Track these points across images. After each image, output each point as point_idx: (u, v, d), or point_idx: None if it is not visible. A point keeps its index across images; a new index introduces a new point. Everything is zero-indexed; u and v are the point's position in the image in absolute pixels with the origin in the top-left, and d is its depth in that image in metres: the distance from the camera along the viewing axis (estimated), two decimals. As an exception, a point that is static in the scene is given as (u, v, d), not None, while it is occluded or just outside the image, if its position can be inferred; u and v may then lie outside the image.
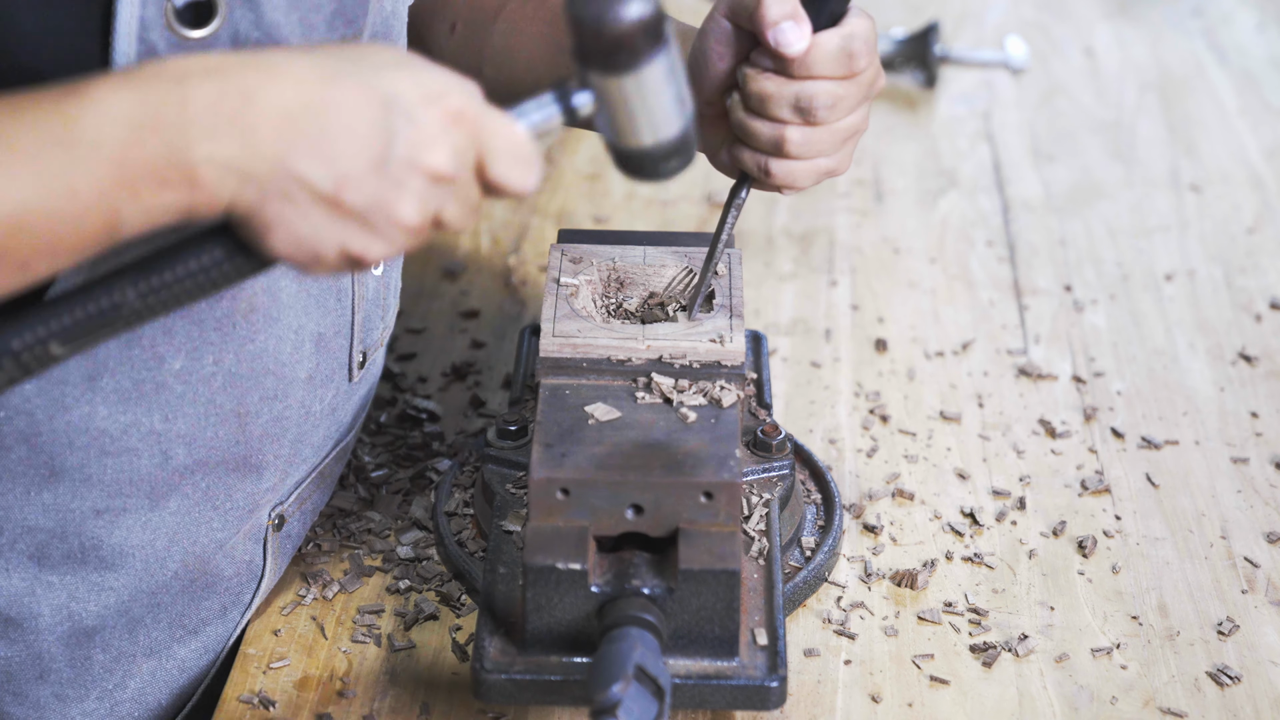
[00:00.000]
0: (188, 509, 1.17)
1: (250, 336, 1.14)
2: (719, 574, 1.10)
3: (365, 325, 1.25)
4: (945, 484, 1.40)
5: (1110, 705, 1.19)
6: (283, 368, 1.17)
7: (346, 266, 0.96)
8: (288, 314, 1.16)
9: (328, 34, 1.09)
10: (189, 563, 1.19)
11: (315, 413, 1.23)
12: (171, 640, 1.22)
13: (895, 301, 1.65)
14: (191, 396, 1.13)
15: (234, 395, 1.15)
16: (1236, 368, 1.56)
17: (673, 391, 1.19)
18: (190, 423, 1.14)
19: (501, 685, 1.12)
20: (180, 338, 1.11)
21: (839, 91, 1.17)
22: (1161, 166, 1.89)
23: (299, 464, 1.25)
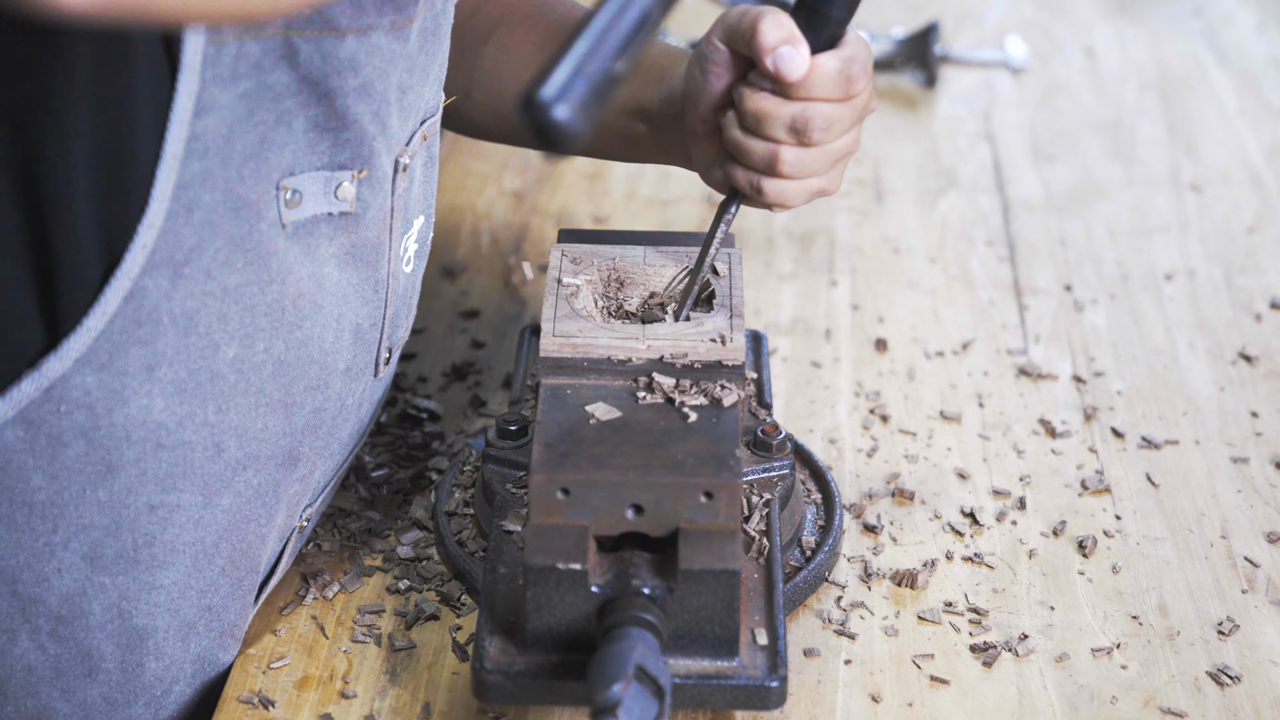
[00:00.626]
0: (239, 506, 1.17)
1: (297, 323, 1.14)
2: (719, 574, 1.10)
3: (394, 321, 1.25)
4: (945, 484, 1.40)
5: (1110, 705, 1.19)
6: (326, 356, 1.17)
7: None
8: (330, 301, 1.16)
9: (376, 18, 1.10)
10: (235, 558, 1.19)
11: (348, 406, 1.23)
12: (219, 649, 1.21)
13: (895, 301, 1.65)
14: (244, 386, 1.13)
15: (282, 384, 1.15)
16: (1236, 367, 1.56)
17: (674, 391, 1.19)
18: (242, 414, 1.14)
19: (502, 685, 1.12)
20: (234, 324, 1.11)
21: (834, 113, 1.19)
22: (1161, 166, 1.89)
23: (328, 459, 1.25)
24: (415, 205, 1.24)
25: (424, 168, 1.25)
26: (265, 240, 1.10)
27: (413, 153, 1.20)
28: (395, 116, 1.16)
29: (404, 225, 1.22)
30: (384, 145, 1.16)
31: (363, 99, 1.12)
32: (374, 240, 1.18)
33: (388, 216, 1.19)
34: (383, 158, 1.16)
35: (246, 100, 1.06)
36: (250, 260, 1.10)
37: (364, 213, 1.16)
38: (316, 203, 1.13)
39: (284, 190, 1.10)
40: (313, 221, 1.13)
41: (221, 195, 1.07)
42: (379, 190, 1.17)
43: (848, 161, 1.24)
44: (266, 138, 1.08)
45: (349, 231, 1.16)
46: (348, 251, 1.17)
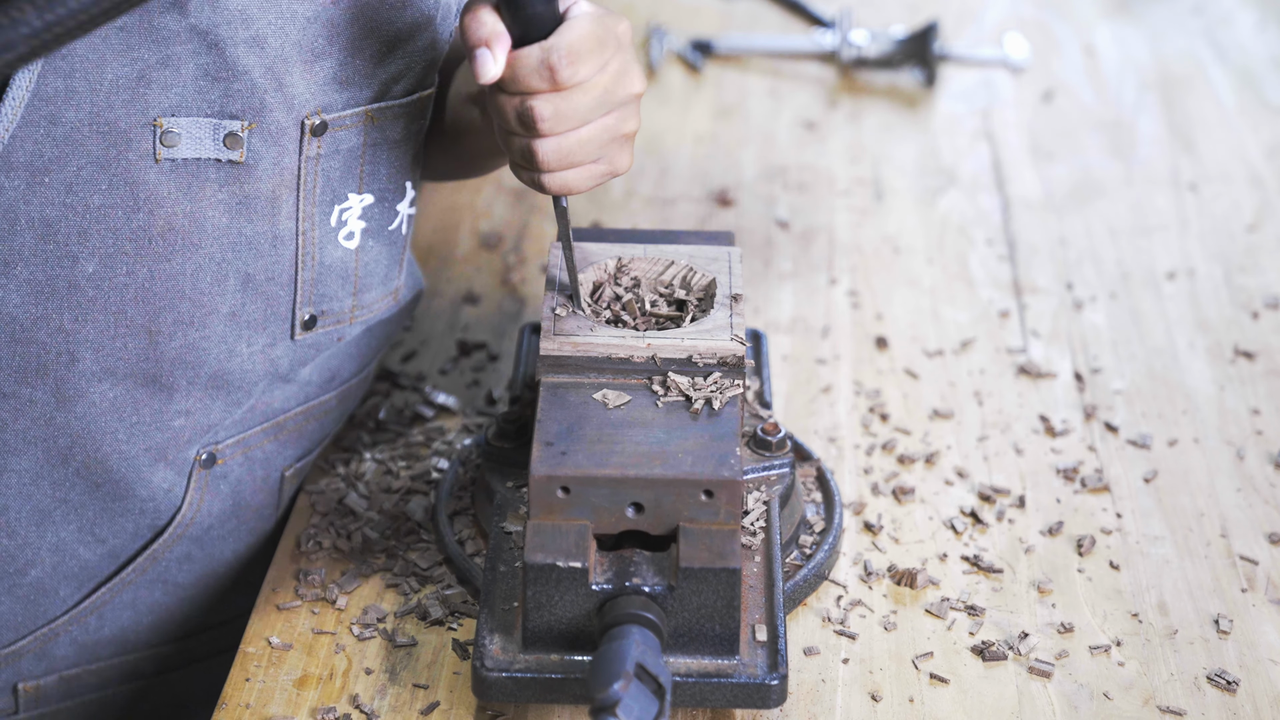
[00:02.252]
0: (93, 416, 1.22)
1: (166, 256, 1.19)
2: (719, 572, 1.10)
3: (317, 287, 1.27)
4: (945, 482, 1.40)
5: (1109, 703, 1.19)
6: (201, 295, 1.21)
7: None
8: (211, 244, 1.20)
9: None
10: (93, 467, 1.24)
11: (244, 354, 1.26)
12: (79, 544, 1.27)
13: (895, 300, 1.65)
14: (102, 303, 1.18)
15: (145, 311, 1.20)
16: (1236, 366, 1.56)
17: (676, 388, 1.19)
18: (99, 329, 1.19)
19: (502, 683, 1.12)
20: (94, 242, 1.16)
21: (557, 104, 1.15)
22: (1161, 165, 1.90)
23: (230, 405, 1.28)
24: (348, 179, 1.25)
25: (369, 148, 1.25)
26: (134, 170, 1.15)
27: (340, 124, 1.22)
28: (299, 76, 1.19)
29: (328, 194, 1.24)
30: (279, 101, 1.18)
31: (254, 51, 1.15)
32: (269, 194, 1.21)
33: (291, 176, 1.22)
34: (277, 113, 1.18)
35: (124, 35, 1.11)
36: (115, 185, 1.15)
37: (255, 164, 1.19)
38: (200, 147, 1.16)
39: (158, 126, 1.14)
40: (196, 164, 1.17)
41: (87, 117, 1.12)
42: (274, 145, 1.19)
43: (629, 141, 1.20)
44: (146, 75, 1.13)
45: (240, 181, 1.19)
46: (239, 200, 1.20)
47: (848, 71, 2.07)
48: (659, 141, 1.93)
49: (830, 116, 1.99)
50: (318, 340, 1.30)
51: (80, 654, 1.35)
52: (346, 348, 1.34)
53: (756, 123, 1.98)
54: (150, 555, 1.31)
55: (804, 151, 1.92)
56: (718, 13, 2.21)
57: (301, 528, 1.34)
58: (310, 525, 1.34)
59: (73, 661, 1.35)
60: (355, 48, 1.21)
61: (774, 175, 1.87)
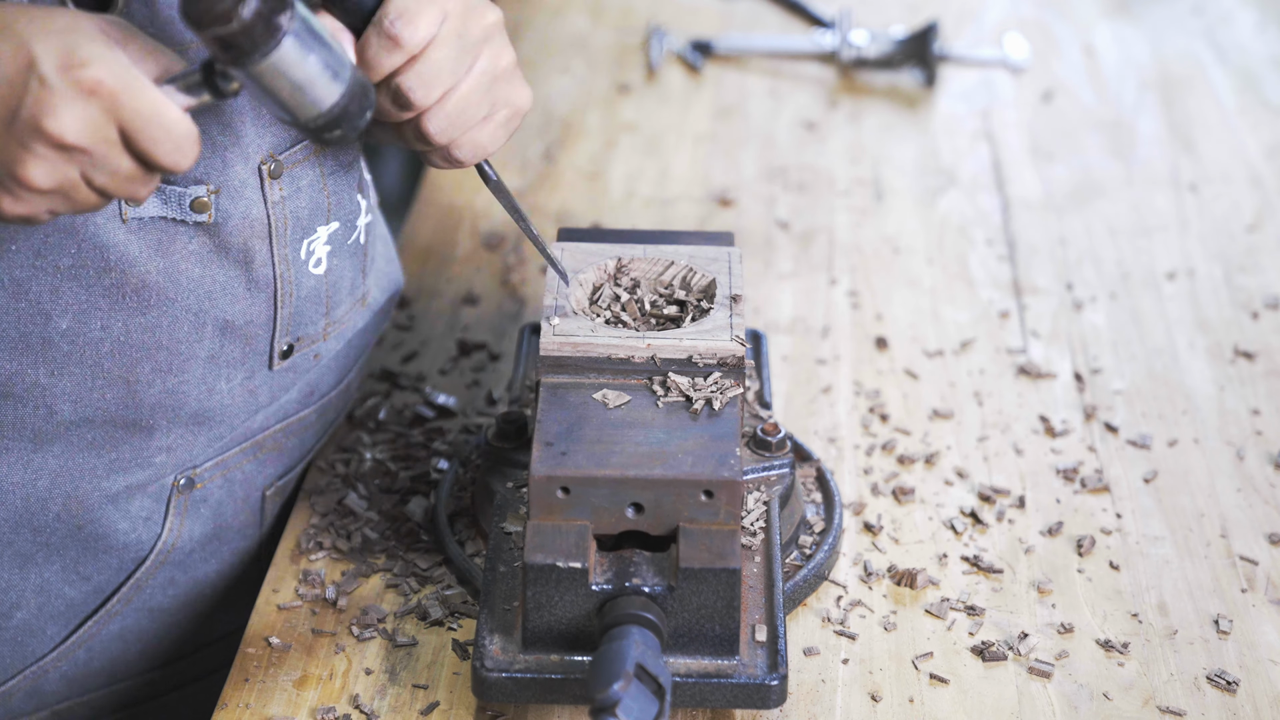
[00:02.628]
0: (70, 454, 1.21)
1: (141, 310, 1.18)
2: (719, 572, 1.10)
3: (295, 319, 1.27)
4: (945, 483, 1.40)
5: (1109, 703, 1.19)
6: (178, 344, 1.20)
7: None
8: (187, 297, 1.19)
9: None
10: (73, 508, 1.23)
11: (223, 391, 1.26)
12: (63, 583, 1.26)
13: (895, 300, 1.65)
14: (78, 357, 1.17)
15: (123, 363, 1.19)
16: (1236, 366, 1.56)
17: (676, 388, 1.19)
18: (76, 381, 1.18)
19: (502, 683, 1.12)
20: (67, 298, 1.15)
21: (418, 71, 1.12)
22: (1161, 165, 1.89)
23: (211, 439, 1.27)
24: (317, 213, 1.25)
25: (328, 177, 1.25)
26: (101, 233, 1.13)
27: (294, 161, 1.22)
28: (250, 125, 1.17)
29: (298, 232, 1.24)
30: (238, 155, 1.18)
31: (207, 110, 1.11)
32: (241, 244, 1.20)
33: (261, 224, 1.21)
34: (237, 167, 1.18)
35: None
36: (84, 248, 1.14)
37: (225, 221, 1.18)
38: (166, 208, 1.15)
39: None
40: (165, 223, 1.16)
41: None
42: (240, 199, 1.19)
43: (515, 72, 1.16)
44: None
45: (211, 235, 1.18)
46: (211, 251, 1.19)
47: (848, 72, 2.07)
48: (659, 141, 1.93)
49: (830, 117, 1.99)
50: (295, 364, 1.30)
51: (70, 688, 1.33)
52: (328, 362, 1.34)
53: (756, 123, 1.98)
54: (134, 584, 1.30)
55: (804, 151, 1.92)
56: (718, 13, 2.21)
57: (301, 528, 1.34)
58: (310, 525, 1.34)
59: (64, 695, 1.33)
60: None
61: (774, 175, 1.87)
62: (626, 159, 1.89)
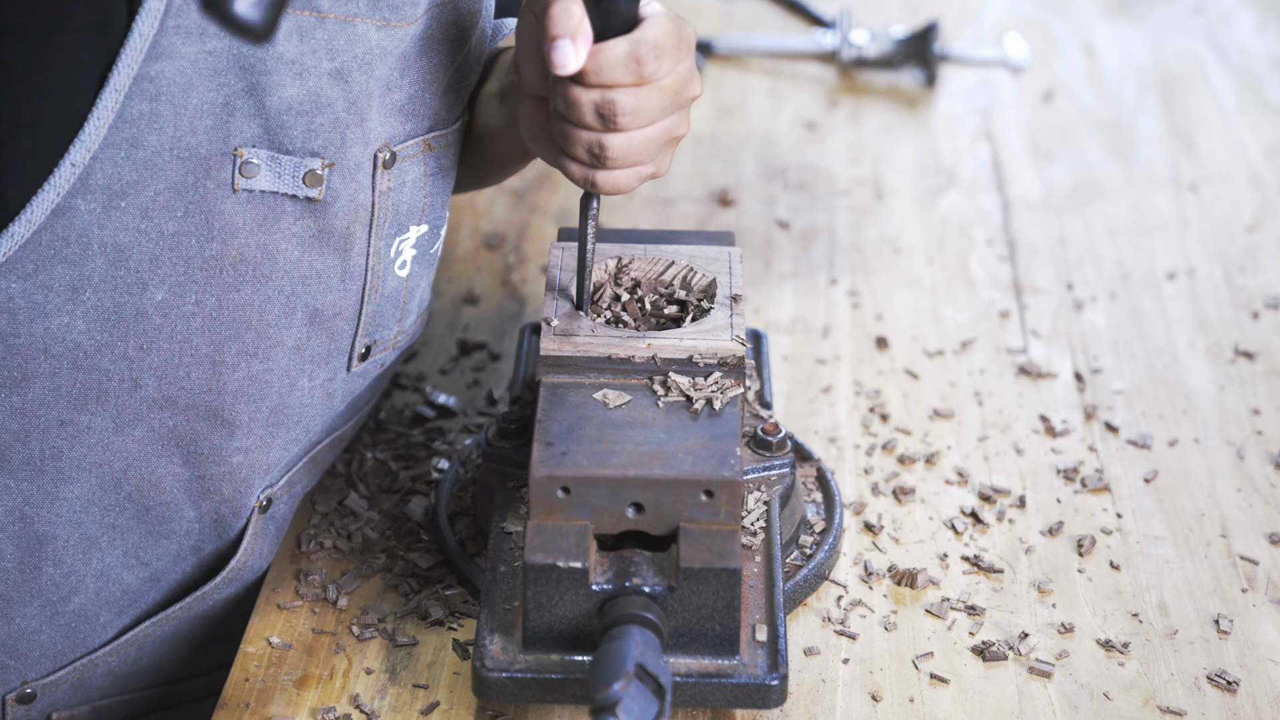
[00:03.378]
0: (151, 440, 1.20)
1: (236, 285, 1.17)
2: (719, 572, 1.10)
3: (376, 318, 1.26)
4: (945, 483, 1.40)
5: (1109, 703, 1.19)
6: (267, 327, 1.19)
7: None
8: (281, 277, 1.18)
9: (364, 9, 1.14)
10: (145, 490, 1.22)
11: (304, 389, 1.24)
12: (122, 568, 1.25)
13: (895, 300, 1.65)
14: (169, 331, 1.16)
15: (211, 340, 1.18)
16: (1236, 366, 1.56)
17: (677, 388, 1.19)
18: (164, 356, 1.17)
19: (502, 684, 1.12)
20: (166, 268, 1.14)
21: (637, 98, 1.15)
22: (1161, 165, 1.90)
23: (288, 442, 1.26)
24: (413, 211, 1.25)
25: (429, 178, 1.26)
26: (211, 198, 1.13)
27: (405, 155, 1.22)
28: (375, 111, 1.18)
29: (394, 227, 1.24)
30: (358, 136, 1.17)
31: (337, 84, 1.14)
32: (344, 230, 1.20)
33: (365, 211, 1.21)
34: (355, 148, 1.18)
35: (213, 59, 1.09)
36: (191, 212, 1.13)
37: (333, 201, 1.18)
38: (279, 181, 1.15)
39: (239, 155, 1.13)
40: (274, 197, 1.16)
41: (169, 141, 1.10)
42: (351, 181, 1.19)
43: (675, 145, 1.21)
44: (232, 103, 1.11)
45: (316, 216, 1.18)
46: (314, 235, 1.19)
47: (848, 71, 2.07)
48: (659, 141, 1.93)
49: (830, 116, 1.99)
50: (366, 370, 1.29)
51: (116, 684, 1.32)
52: (384, 373, 1.33)
53: (756, 123, 1.98)
54: (200, 596, 1.29)
55: (804, 151, 1.92)
56: (718, 13, 2.21)
57: (301, 528, 1.34)
58: (310, 525, 1.34)
59: (107, 691, 1.32)
60: (425, 80, 1.21)
61: (774, 175, 1.87)
62: (626, 159, 1.89)
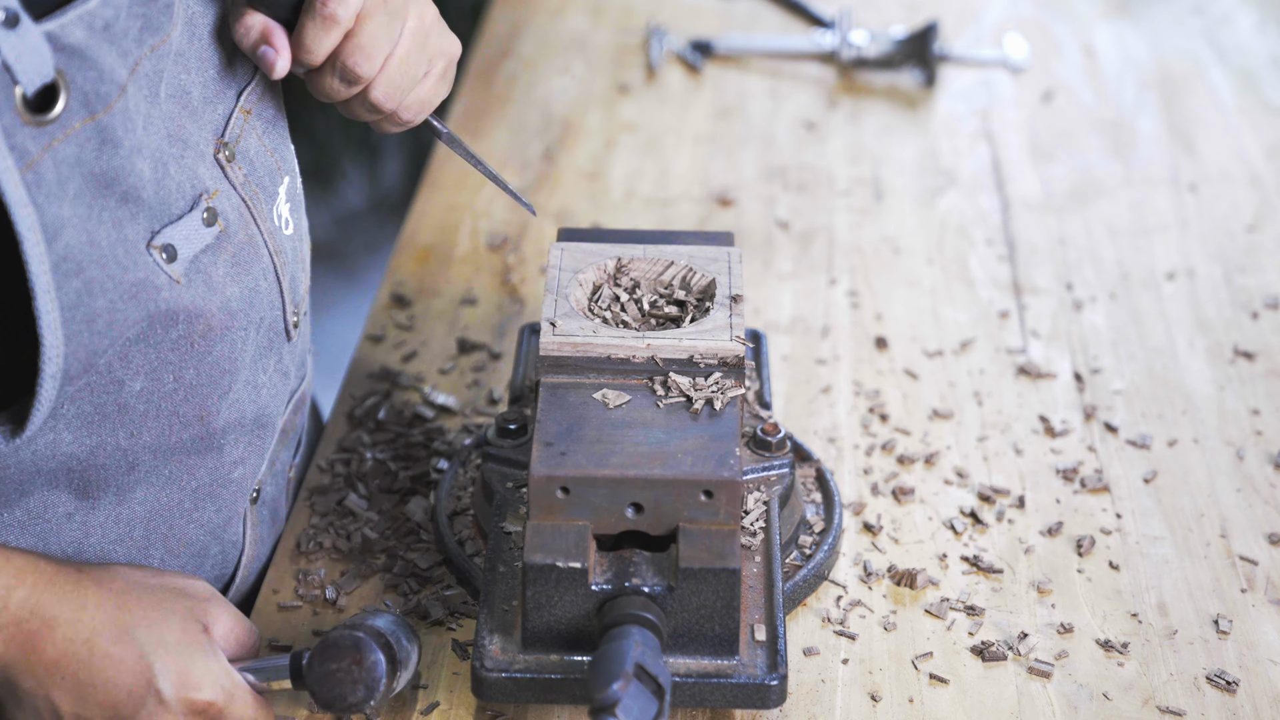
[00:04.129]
0: (154, 495, 1.19)
1: (207, 350, 1.16)
2: (719, 572, 1.10)
3: (292, 285, 1.27)
4: (944, 483, 1.40)
5: (1109, 704, 1.20)
6: (234, 364, 1.19)
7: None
8: (238, 319, 1.18)
9: (138, 49, 1.09)
10: (173, 546, 1.21)
11: (265, 384, 1.25)
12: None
13: (895, 300, 1.65)
14: (154, 412, 1.15)
15: (195, 403, 1.17)
16: (1236, 366, 1.56)
17: (677, 388, 1.19)
18: (155, 434, 1.16)
19: (502, 684, 1.12)
20: (138, 362, 1.12)
21: (358, 43, 1.16)
22: (1161, 165, 1.90)
23: (266, 435, 1.27)
24: (271, 174, 1.24)
25: (264, 136, 1.24)
26: (166, 303, 1.11)
27: (234, 134, 1.20)
28: (190, 122, 1.16)
29: (267, 199, 1.23)
30: (193, 155, 1.15)
31: (152, 131, 1.10)
32: (244, 239, 1.19)
33: (243, 208, 1.20)
34: (201, 168, 1.16)
35: (84, 198, 1.05)
36: (154, 324, 1.11)
37: (228, 224, 1.17)
38: (194, 241, 1.13)
39: (155, 251, 1.10)
40: (200, 257, 1.14)
41: (114, 292, 1.07)
42: (221, 197, 1.17)
43: (440, 23, 1.21)
44: (117, 217, 1.07)
45: (225, 247, 1.17)
46: (233, 264, 1.18)
47: (848, 72, 2.07)
48: (659, 141, 1.93)
49: (830, 117, 1.99)
50: (301, 331, 1.30)
51: None
52: (305, 322, 1.33)
53: (756, 123, 1.98)
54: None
55: (804, 151, 1.92)
56: (718, 13, 2.21)
57: (301, 528, 1.34)
58: (310, 525, 1.34)
59: None
60: (203, 60, 1.18)
61: (774, 175, 1.87)
62: (626, 159, 1.89)
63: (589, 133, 1.94)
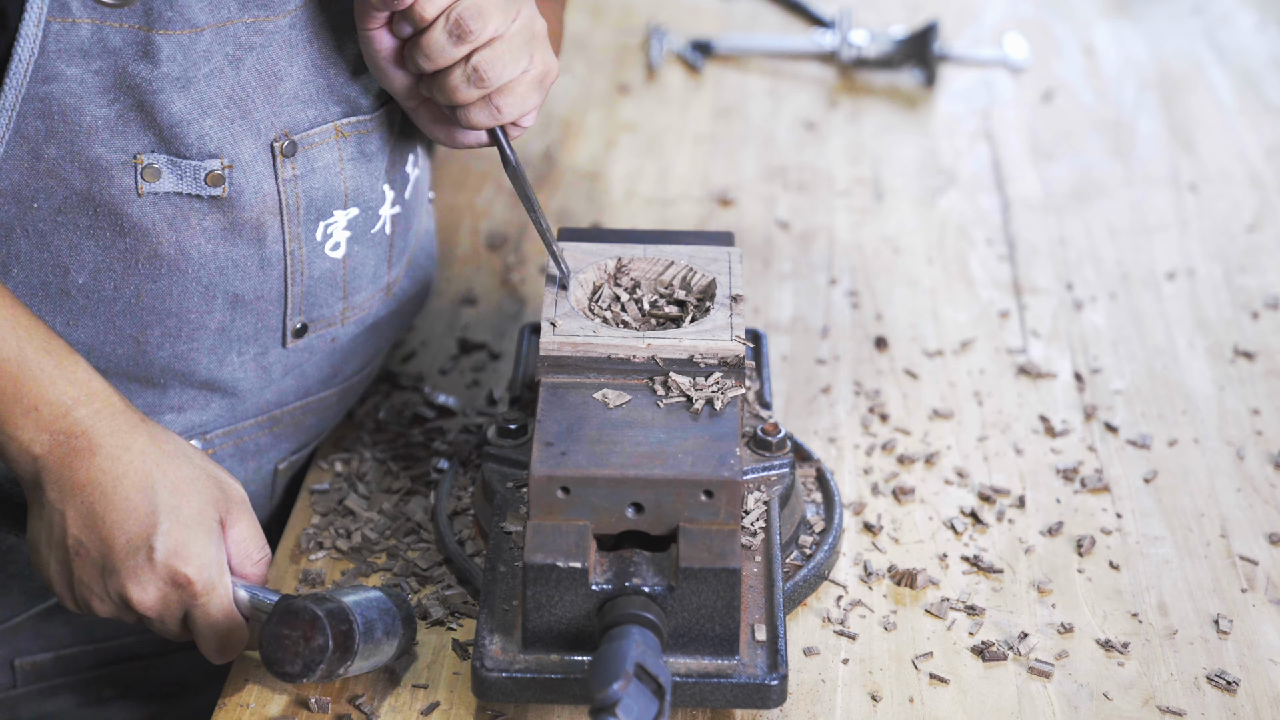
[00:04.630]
0: None
1: (152, 278, 1.22)
2: (719, 572, 1.10)
3: (308, 299, 1.29)
4: (945, 483, 1.40)
5: (1109, 703, 1.19)
6: (188, 313, 1.24)
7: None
8: (198, 269, 1.23)
9: (237, 12, 1.17)
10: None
11: (235, 364, 1.28)
12: None
13: (895, 300, 1.65)
14: (92, 311, 1.22)
15: (134, 323, 1.23)
16: (1236, 366, 1.56)
17: (677, 388, 1.19)
18: (91, 334, 1.23)
19: (502, 683, 1.12)
20: (85, 255, 1.20)
21: (477, 3, 1.16)
22: (1161, 165, 1.90)
23: (224, 408, 1.30)
24: (333, 196, 1.27)
25: (348, 163, 1.27)
26: (118, 202, 1.19)
27: (310, 142, 1.24)
28: (263, 102, 1.21)
29: (313, 213, 1.26)
30: (246, 129, 1.21)
31: (213, 84, 1.18)
32: (254, 220, 1.23)
33: (273, 200, 1.24)
34: (246, 142, 1.21)
35: (101, 79, 1.14)
36: (102, 214, 1.19)
37: (238, 195, 1.22)
38: (180, 183, 1.20)
39: (139, 163, 1.18)
40: (180, 198, 1.20)
41: (68, 154, 1.16)
42: (251, 174, 1.22)
43: (545, 39, 1.22)
44: (125, 116, 1.16)
45: (225, 211, 1.22)
46: (225, 228, 1.23)
47: (848, 71, 2.07)
48: (659, 141, 1.93)
49: (830, 116, 1.99)
50: (310, 344, 1.32)
51: (76, 634, 1.38)
52: (347, 345, 1.35)
53: (756, 123, 1.98)
54: None
55: (804, 151, 1.92)
56: (718, 13, 2.21)
57: (301, 527, 1.34)
58: (310, 525, 1.34)
59: (69, 641, 1.38)
60: (318, 66, 1.23)
61: (774, 175, 1.87)
62: (626, 159, 1.89)
63: (589, 133, 1.94)
